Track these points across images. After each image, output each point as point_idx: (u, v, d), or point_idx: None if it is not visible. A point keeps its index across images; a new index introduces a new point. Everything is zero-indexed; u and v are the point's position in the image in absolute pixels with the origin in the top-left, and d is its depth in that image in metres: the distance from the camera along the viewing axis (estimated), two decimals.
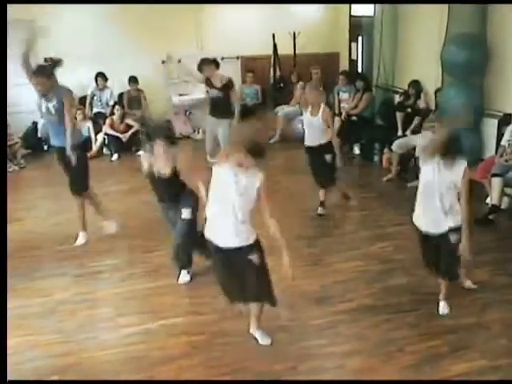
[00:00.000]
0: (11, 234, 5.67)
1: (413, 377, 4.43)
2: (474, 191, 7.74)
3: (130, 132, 11.10)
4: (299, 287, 5.81)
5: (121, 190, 8.93)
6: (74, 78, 11.60)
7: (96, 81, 11.57)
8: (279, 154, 10.79)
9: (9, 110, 9.93)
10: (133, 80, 11.75)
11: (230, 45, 12.20)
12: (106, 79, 11.57)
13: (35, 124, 11.35)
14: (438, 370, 4.48)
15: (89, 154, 10.72)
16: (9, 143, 10.13)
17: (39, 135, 11.31)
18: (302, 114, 11.55)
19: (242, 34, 12.17)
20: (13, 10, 7.34)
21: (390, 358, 4.67)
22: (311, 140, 7.50)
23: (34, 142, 11.30)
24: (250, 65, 12.55)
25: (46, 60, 11.47)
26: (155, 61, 12.01)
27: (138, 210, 7.54)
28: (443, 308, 5.37)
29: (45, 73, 6.46)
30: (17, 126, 10.97)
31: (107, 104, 11.62)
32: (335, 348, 4.84)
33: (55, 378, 4.55)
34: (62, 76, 11.04)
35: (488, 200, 7.50)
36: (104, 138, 11.19)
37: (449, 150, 4.87)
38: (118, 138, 11.01)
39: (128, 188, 9.01)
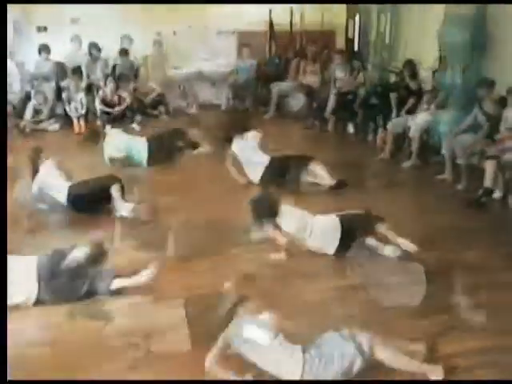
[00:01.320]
0: None
1: None
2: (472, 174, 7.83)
3: (122, 106, 10.99)
4: (291, 265, 5.80)
5: None
6: (67, 48, 11.52)
7: (90, 51, 11.43)
8: (273, 129, 10.71)
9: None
10: (123, 53, 11.64)
11: (227, 19, 12.09)
12: (99, 50, 11.43)
13: (27, 94, 11.22)
14: (428, 349, 4.46)
15: (82, 126, 10.83)
16: None
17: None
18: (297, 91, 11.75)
19: (239, 9, 12.05)
20: None
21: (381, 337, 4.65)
22: None
23: None
24: (246, 39, 12.43)
25: (38, 29, 11.46)
26: (150, 33, 11.90)
27: (131, 180, 7.47)
28: None
29: None
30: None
31: (103, 75, 11.49)
32: (328, 325, 4.81)
33: None
34: (55, 47, 11.15)
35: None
36: (96, 110, 11.10)
37: None
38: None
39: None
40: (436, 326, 4.81)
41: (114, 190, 6.89)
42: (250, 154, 7.93)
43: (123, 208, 6.86)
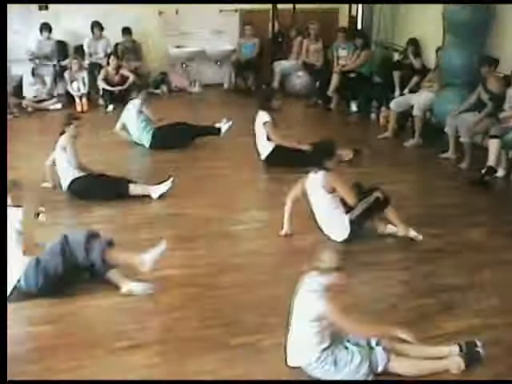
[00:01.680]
0: None
1: None
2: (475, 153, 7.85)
3: (125, 85, 10.92)
4: (294, 242, 5.84)
5: (115, 141, 8.80)
6: (70, 26, 11.45)
7: (92, 30, 11.35)
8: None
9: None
10: (126, 31, 11.54)
11: None
12: (102, 28, 11.33)
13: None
14: (429, 327, 4.49)
15: (84, 104, 10.78)
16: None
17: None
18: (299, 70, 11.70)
19: None
20: None
21: (382, 314, 4.68)
22: None
23: None
24: (248, 18, 12.34)
25: (40, 8, 11.38)
26: (152, 12, 11.83)
27: (132, 161, 7.47)
28: None
29: None
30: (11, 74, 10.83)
31: (105, 54, 11.41)
32: None
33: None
34: (58, 25, 11.09)
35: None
36: (99, 89, 11.05)
37: None
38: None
39: (122, 140, 8.91)
40: (440, 304, 4.85)
41: (135, 188, 6.86)
42: (259, 133, 7.91)
43: (156, 191, 6.87)
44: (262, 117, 7.84)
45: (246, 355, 4.23)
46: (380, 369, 3.93)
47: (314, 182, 5.80)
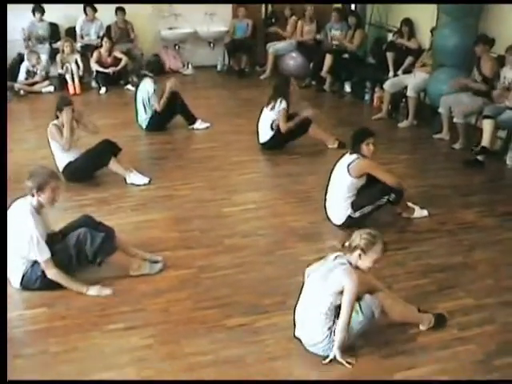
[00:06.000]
0: None
1: None
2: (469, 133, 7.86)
3: (119, 67, 10.87)
4: (288, 223, 5.87)
5: (108, 124, 8.69)
6: (62, 8, 11.34)
7: (85, 11, 11.25)
8: (269, 90, 10.63)
9: None
10: (120, 11, 11.40)
11: None
12: (95, 10, 11.23)
13: (21, 55, 11.04)
14: (424, 307, 4.50)
15: (77, 87, 10.70)
16: None
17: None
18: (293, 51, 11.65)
19: None
20: None
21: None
22: None
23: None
24: None
25: None
26: None
27: (125, 144, 7.42)
28: None
29: None
30: None
31: (98, 36, 11.32)
32: None
33: None
34: (50, 7, 10.98)
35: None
36: (92, 71, 10.97)
37: None
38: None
39: (116, 122, 8.89)
40: (434, 284, 4.87)
41: (114, 164, 6.80)
42: (265, 118, 7.88)
43: (132, 178, 6.83)
44: (281, 104, 7.78)
45: (242, 336, 4.26)
46: (377, 315, 4.04)
47: (344, 160, 5.79)
